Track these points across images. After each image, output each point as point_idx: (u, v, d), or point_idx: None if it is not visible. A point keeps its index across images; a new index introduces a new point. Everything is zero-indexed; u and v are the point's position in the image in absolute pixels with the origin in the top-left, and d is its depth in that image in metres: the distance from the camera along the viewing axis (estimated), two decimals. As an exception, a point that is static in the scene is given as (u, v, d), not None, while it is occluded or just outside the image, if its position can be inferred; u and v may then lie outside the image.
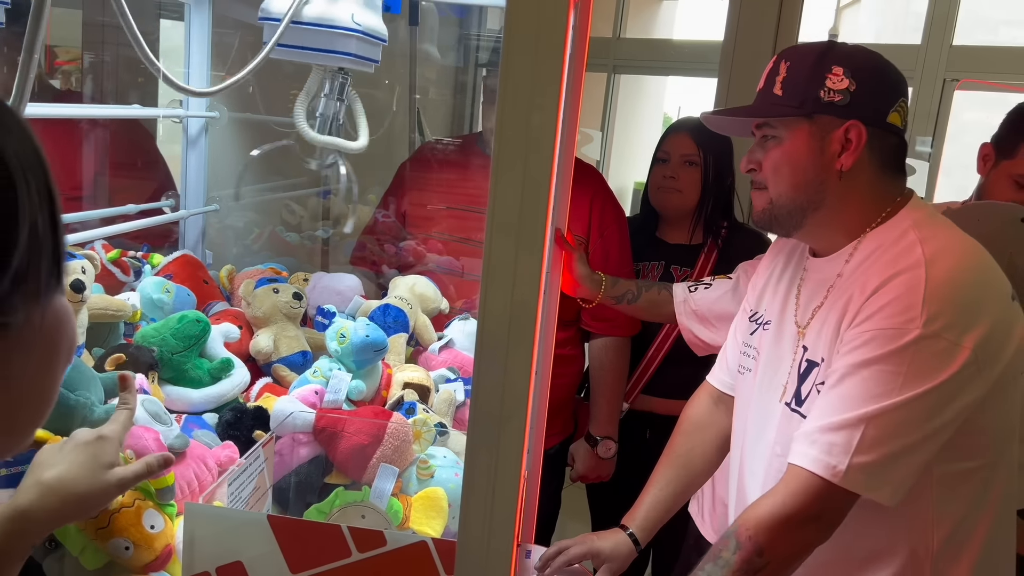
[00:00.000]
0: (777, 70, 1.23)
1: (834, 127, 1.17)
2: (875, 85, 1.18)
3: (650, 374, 2.07)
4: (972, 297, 1.10)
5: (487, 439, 0.89)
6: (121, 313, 1.32)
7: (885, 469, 1.09)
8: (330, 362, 1.41)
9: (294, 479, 1.25)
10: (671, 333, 2.03)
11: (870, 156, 1.19)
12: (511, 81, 0.83)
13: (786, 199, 1.23)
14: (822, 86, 1.17)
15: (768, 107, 1.23)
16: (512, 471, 0.91)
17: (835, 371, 1.13)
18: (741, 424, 1.40)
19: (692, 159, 2.01)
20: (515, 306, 0.88)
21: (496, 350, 0.88)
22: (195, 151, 1.80)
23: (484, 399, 0.88)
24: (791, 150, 1.21)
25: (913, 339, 1.07)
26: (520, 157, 0.86)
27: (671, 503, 1.52)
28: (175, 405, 1.28)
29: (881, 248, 1.18)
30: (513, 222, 0.86)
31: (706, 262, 2.04)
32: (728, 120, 1.37)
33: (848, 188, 1.20)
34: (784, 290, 1.35)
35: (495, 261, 0.87)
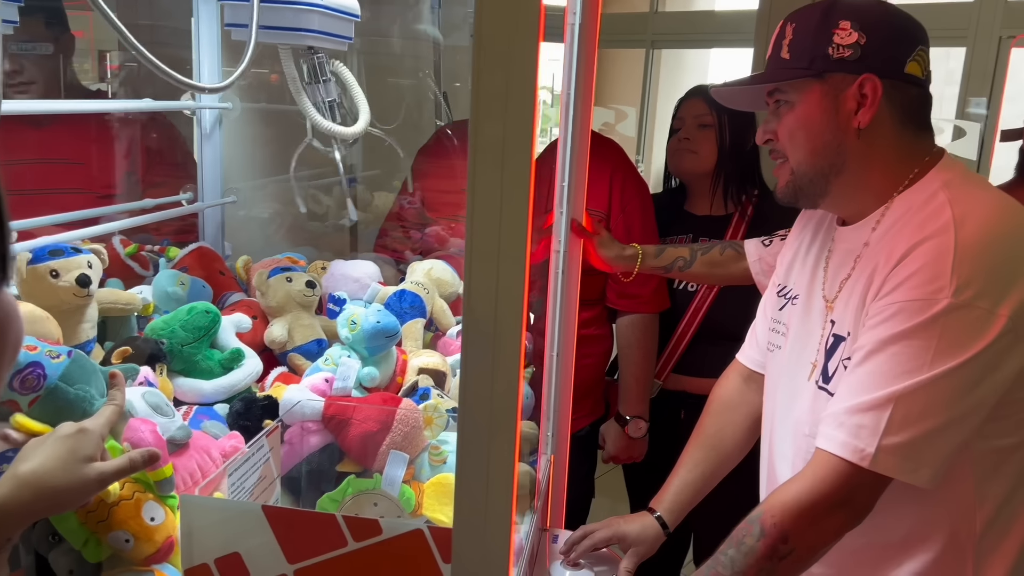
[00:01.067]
0: (784, 34, 1.17)
1: (847, 84, 1.11)
2: (887, 34, 1.11)
3: (680, 352, 2.01)
4: (1007, 259, 1.03)
5: (480, 422, 0.86)
6: (130, 307, 1.32)
7: (918, 450, 1.02)
8: (341, 349, 1.39)
9: (305, 468, 1.24)
10: (700, 308, 1.97)
11: (890, 111, 1.12)
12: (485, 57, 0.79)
13: (806, 166, 1.17)
14: (830, 43, 1.11)
15: (777, 72, 1.17)
16: (506, 455, 0.88)
17: (861, 347, 1.07)
18: (771, 403, 1.34)
19: (705, 121, 1.96)
20: (501, 293, 0.84)
21: (484, 337, 0.85)
22: (210, 143, 1.80)
23: (474, 386, 0.86)
24: (804, 113, 1.15)
25: (942, 309, 1.00)
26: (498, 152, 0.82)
27: (700, 485, 1.48)
28: (187, 397, 1.28)
29: (909, 212, 1.11)
30: (494, 217, 0.82)
31: (735, 232, 1.98)
32: (742, 94, 1.31)
33: (869, 147, 1.13)
34: (812, 262, 1.29)
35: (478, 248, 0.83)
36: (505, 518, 0.86)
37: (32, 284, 1.17)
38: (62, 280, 1.18)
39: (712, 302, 1.98)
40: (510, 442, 0.86)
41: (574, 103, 1.55)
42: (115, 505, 0.94)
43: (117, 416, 0.88)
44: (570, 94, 1.55)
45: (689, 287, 2.01)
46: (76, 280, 1.18)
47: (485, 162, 0.80)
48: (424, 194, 2.11)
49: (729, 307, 1.96)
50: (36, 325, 1.09)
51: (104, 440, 0.86)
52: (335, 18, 1.54)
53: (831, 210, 1.26)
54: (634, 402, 2.02)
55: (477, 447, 0.86)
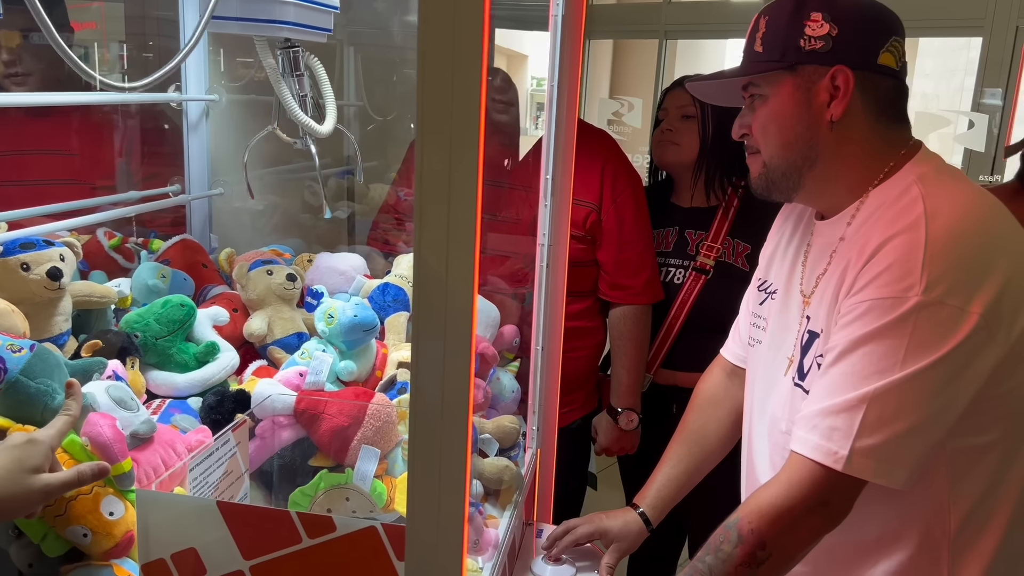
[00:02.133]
0: (757, 27, 1.15)
1: (819, 76, 1.09)
2: (859, 25, 1.08)
3: (668, 346, 1.99)
4: (978, 255, 1.00)
5: (431, 415, 0.85)
6: (106, 299, 1.32)
7: (893, 452, 1.00)
8: (318, 343, 1.38)
9: (277, 462, 1.24)
10: (687, 301, 1.95)
11: (863, 102, 1.09)
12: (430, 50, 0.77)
13: (779, 159, 1.15)
14: (801, 35, 1.09)
15: (750, 65, 1.16)
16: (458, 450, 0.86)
17: (833, 347, 1.05)
18: (750, 399, 1.33)
19: (687, 112, 1.95)
20: (450, 280, 0.82)
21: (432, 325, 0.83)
22: (196, 135, 1.79)
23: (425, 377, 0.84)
24: (776, 106, 1.13)
25: (912, 307, 0.98)
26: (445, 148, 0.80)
27: (684, 481, 1.46)
28: (160, 390, 1.28)
29: (883, 206, 1.08)
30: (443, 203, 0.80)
31: (721, 224, 1.96)
32: (719, 89, 1.29)
33: (843, 139, 1.11)
34: (791, 257, 1.27)
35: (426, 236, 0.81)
36: (458, 514, 0.84)
37: (2, 276, 1.16)
38: (32, 273, 1.18)
39: (699, 293, 1.96)
40: (462, 436, 0.85)
41: (557, 94, 1.53)
42: (73, 500, 0.94)
43: (70, 427, 0.88)
44: (554, 85, 1.53)
45: (676, 279, 1.99)
46: (47, 273, 1.18)
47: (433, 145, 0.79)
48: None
49: (717, 298, 1.94)
50: (2, 319, 1.09)
51: (54, 451, 0.85)
52: (312, 10, 1.52)
53: (806, 203, 1.24)
54: (625, 394, 2.00)
55: (428, 440, 0.84)
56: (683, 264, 2.00)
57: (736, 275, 1.93)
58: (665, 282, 2.00)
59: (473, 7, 0.74)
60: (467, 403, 0.84)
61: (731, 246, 1.95)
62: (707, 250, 1.96)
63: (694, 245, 1.99)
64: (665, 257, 2.02)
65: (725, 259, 1.95)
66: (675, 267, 2.01)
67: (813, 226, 1.23)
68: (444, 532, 0.85)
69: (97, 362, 1.13)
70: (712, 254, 1.95)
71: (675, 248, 2.01)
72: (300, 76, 1.57)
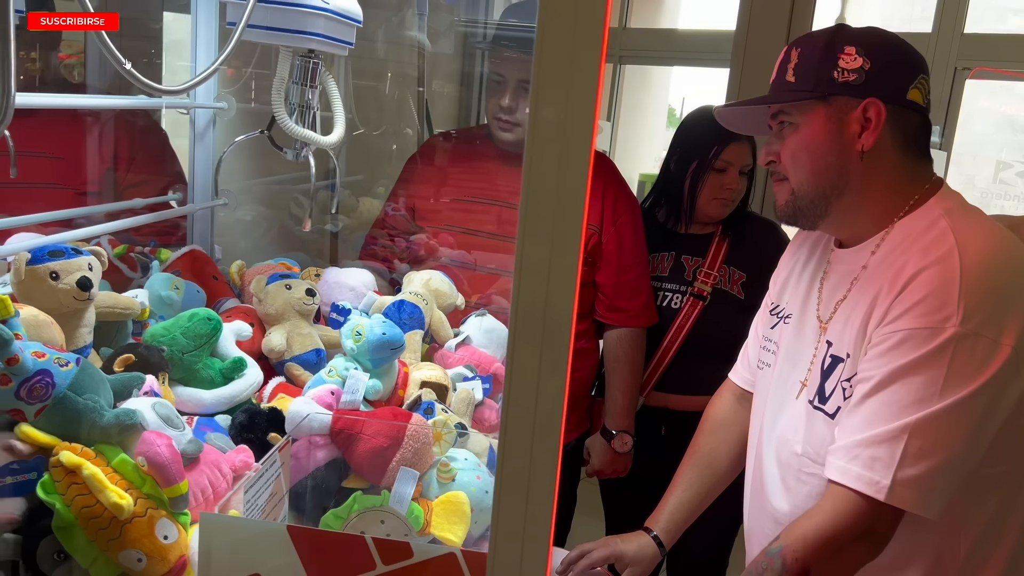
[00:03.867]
0: (789, 58, 1.19)
1: (851, 107, 1.12)
2: (891, 61, 1.13)
3: (663, 369, 2.02)
4: (1009, 287, 1.05)
5: (520, 446, 0.84)
6: (129, 311, 1.27)
7: (932, 482, 1.03)
8: (345, 361, 1.36)
9: (311, 483, 1.21)
10: (684, 326, 1.98)
11: (892, 135, 1.13)
12: (545, 68, 0.78)
13: (808, 187, 1.18)
14: (835, 66, 1.13)
15: (782, 94, 1.19)
16: (548, 478, 0.86)
17: (869, 377, 1.08)
18: (758, 420, 1.35)
19: (747, 170, 1.97)
20: (549, 306, 0.83)
21: (530, 352, 0.83)
22: (202, 144, 1.75)
23: (517, 404, 0.84)
24: (808, 135, 1.16)
25: (950, 337, 1.01)
26: (555, 153, 0.81)
27: (696, 504, 1.48)
28: (186, 407, 1.24)
29: (910, 238, 1.12)
30: (546, 224, 0.80)
31: (718, 251, 1.99)
32: (742, 117, 1.32)
33: (871, 170, 1.15)
34: (807, 283, 1.30)
35: (527, 262, 0.81)
36: (543, 543, 0.84)
37: (31, 286, 1.11)
38: (62, 282, 1.13)
39: (696, 319, 1.99)
40: (552, 463, 0.85)
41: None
42: (128, 523, 0.90)
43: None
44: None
45: (673, 303, 2.01)
46: (77, 283, 1.13)
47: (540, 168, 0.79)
48: (413, 202, 2.08)
49: (713, 324, 1.98)
50: (41, 330, 1.04)
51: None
52: (339, 23, 1.51)
53: (829, 231, 1.27)
54: (620, 416, 2.01)
55: (518, 469, 0.84)
56: (679, 289, 2.02)
57: (731, 303, 1.97)
58: (661, 306, 2.03)
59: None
60: (559, 426, 0.84)
61: (727, 274, 1.99)
62: (704, 276, 1.99)
63: (691, 271, 2.02)
64: (660, 281, 2.04)
65: (721, 286, 1.99)
66: (671, 292, 2.03)
67: (831, 253, 1.27)
68: (529, 561, 0.84)
69: (135, 377, 1.08)
70: (710, 281, 1.99)
71: (671, 273, 2.04)
72: (315, 88, 1.56)
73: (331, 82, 1.63)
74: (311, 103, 1.58)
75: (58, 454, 0.90)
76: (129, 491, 0.92)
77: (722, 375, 1.58)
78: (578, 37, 0.77)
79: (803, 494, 1.20)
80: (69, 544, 0.90)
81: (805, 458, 1.20)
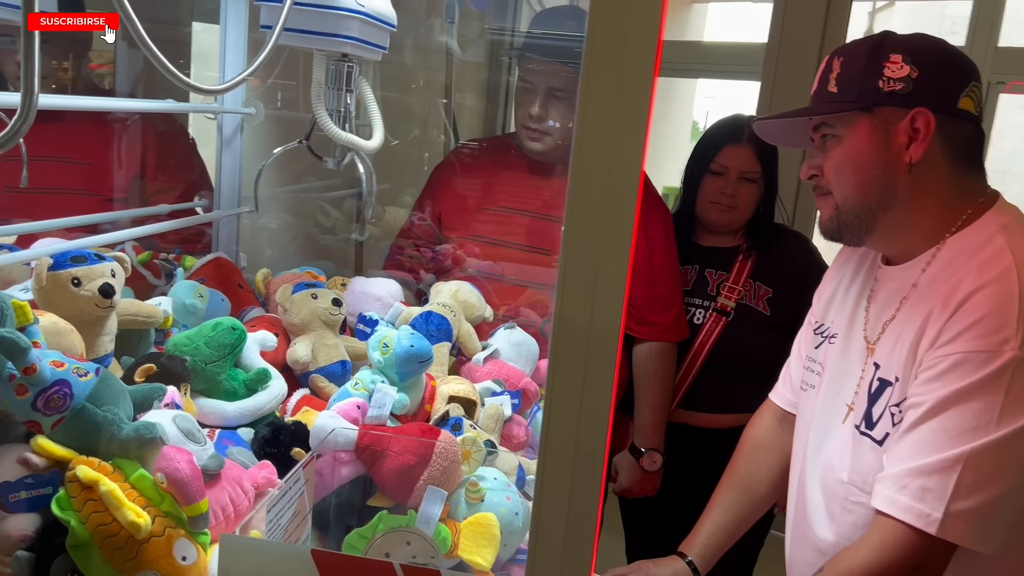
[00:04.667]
0: (831, 68, 1.14)
1: (898, 118, 1.07)
2: (940, 68, 1.07)
3: (687, 385, 1.95)
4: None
5: (561, 471, 0.79)
6: (152, 319, 1.24)
7: (989, 515, 0.97)
8: (372, 373, 1.31)
9: (334, 501, 1.16)
10: (707, 341, 1.92)
11: (942, 146, 1.08)
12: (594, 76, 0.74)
13: (853, 201, 1.13)
14: (880, 76, 1.07)
15: (824, 105, 1.13)
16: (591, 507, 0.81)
17: (921, 402, 1.02)
18: (801, 445, 1.29)
19: (751, 175, 1.89)
20: (594, 324, 0.78)
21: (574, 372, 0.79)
22: (230, 150, 1.72)
23: (558, 427, 0.79)
24: (853, 147, 1.11)
25: (1008, 361, 0.95)
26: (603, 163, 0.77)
27: (733, 529, 1.42)
28: (208, 419, 1.20)
29: (965, 255, 1.06)
30: (594, 234, 0.76)
31: (743, 266, 1.92)
32: (781, 130, 1.27)
33: (921, 183, 1.09)
34: (853, 301, 1.24)
35: (571, 273, 0.77)
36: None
37: (52, 292, 1.08)
38: (84, 289, 1.09)
39: (719, 335, 1.93)
40: (595, 487, 0.80)
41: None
42: (145, 543, 0.86)
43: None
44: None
45: (696, 318, 1.95)
46: (99, 290, 1.10)
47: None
48: (440, 211, 2.05)
49: (736, 341, 1.91)
50: (60, 338, 1.00)
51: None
52: (374, 26, 1.48)
53: (876, 248, 1.22)
54: (650, 433, 1.96)
55: (558, 491, 0.79)
56: (703, 304, 1.96)
57: (756, 318, 1.90)
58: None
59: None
60: (603, 450, 0.79)
61: (752, 288, 1.93)
62: (728, 291, 1.93)
63: (714, 285, 1.95)
64: (685, 296, 1.99)
65: (746, 301, 1.92)
66: (695, 307, 1.97)
67: (878, 270, 1.21)
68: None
69: (156, 388, 1.05)
70: (734, 296, 1.92)
71: (694, 287, 1.98)
72: (351, 92, 1.52)
73: (366, 87, 1.60)
74: (349, 108, 1.55)
75: (74, 468, 0.86)
76: (147, 509, 0.88)
77: (745, 392, 1.53)
78: (630, 49, 0.73)
79: (849, 524, 1.14)
80: (84, 564, 0.86)
81: (851, 486, 1.14)
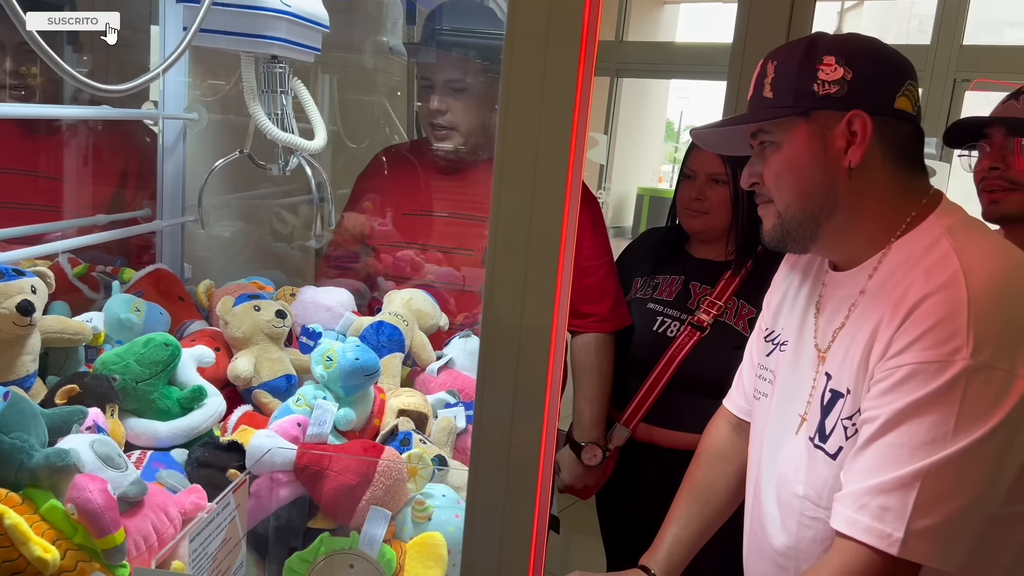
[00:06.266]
0: (765, 72, 1.10)
1: (835, 121, 1.04)
2: (873, 69, 1.04)
3: (652, 400, 1.90)
4: (1022, 314, 0.95)
5: (495, 477, 0.75)
6: (79, 336, 1.18)
7: (950, 532, 0.93)
8: (315, 388, 1.26)
9: (273, 523, 1.11)
10: (677, 356, 1.86)
11: (881, 148, 1.05)
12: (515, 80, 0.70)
13: (794, 209, 1.09)
14: (815, 79, 1.04)
15: (760, 111, 1.10)
16: (525, 516, 0.78)
17: (876, 416, 0.98)
18: (756, 456, 1.26)
19: (719, 177, 1.83)
20: (524, 324, 0.74)
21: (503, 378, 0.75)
22: (172, 157, 1.66)
23: (489, 432, 0.75)
24: (791, 154, 1.07)
25: (960, 371, 0.92)
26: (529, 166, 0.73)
27: (695, 541, 1.38)
28: (140, 440, 1.14)
29: (910, 260, 1.03)
30: (522, 240, 0.72)
31: (729, 282, 1.86)
32: (723, 138, 1.23)
33: (862, 187, 1.06)
34: (802, 308, 1.21)
35: (500, 272, 0.73)
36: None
37: (-35, 311, 1.02)
38: (1, 307, 1.03)
39: (690, 350, 1.87)
40: (530, 494, 0.76)
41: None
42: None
43: None
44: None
45: (670, 331, 1.89)
46: (17, 307, 1.04)
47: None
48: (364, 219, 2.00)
49: (707, 358, 1.84)
50: (-33, 360, 0.94)
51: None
52: (303, 27, 1.44)
53: (822, 254, 1.19)
54: (589, 427, 1.90)
55: (491, 503, 0.75)
56: (680, 317, 1.89)
57: (734, 338, 1.81)
58: (657, 332, 1.91)
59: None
60: (537, 464, 0.75)
61: (735, 307, 1.85)
62: (708, 306, 1.86)
63: (696, 299, 1.89)
64: (664, 307, 1.92)
65: (726, 319, 1.85)
66: (671, 319, 1.90)
67: (825, 275, 1.18)
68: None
69: (76, 411, 0.99)
70: (713, 311, 1.86)
71: (676, 299, 1.90)
72: (284, 94, 1.48)
73: (301, 88, 1.56)
74: (286, 109, 1.50)
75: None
76: (58, 542, 0.82)
77: (711, 413, 1.48)
78: (552, 39, 0.69)
79: (807, 539, 1.11)
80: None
81: (807, 501, 1.11)
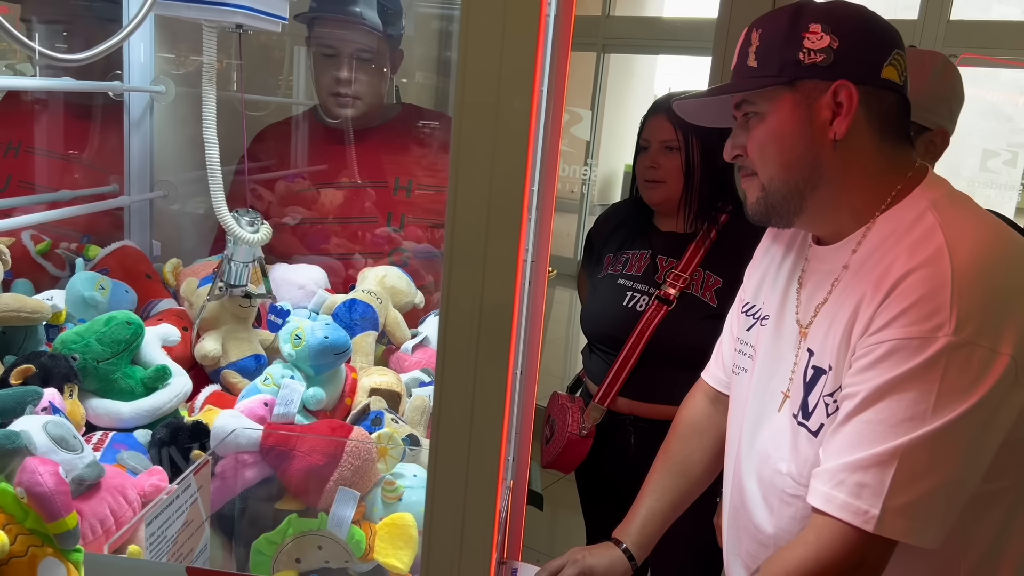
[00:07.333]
0: (749, 41, 1.07)
1: (820, 91, 1.01)
2: (861, 37, 1.01)
3: (626, 374, 1.88)
4: (1004, 289, 0.94)
5: (453, 456, 0.73)
6: (37, 315, 1.14)
7: (927, 509, 0.92)
8: (283, 368, 1.24)
9: (239, 505, 1.09)
10: (645, 332, 1.84)
11: (867, 119, 1.02)
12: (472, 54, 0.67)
13: (779, 181, 1.07)
14: (800, 48, 1.01)
15: (744, 81, 1.07)
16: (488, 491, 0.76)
17: (855, 393, 0.97)
18: (736, 432, 1.24)
19: (671, 144, 1.81)
20: (485, 306, 0.72)
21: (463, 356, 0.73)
22: (139, 131, 1.62)
23: (449, 412, 0.73)
24: (775, 124, 1.04)
25: (942, 348, 0.90)
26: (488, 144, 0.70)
27: (668, 514, 1.37)
28: (102, 421, 1.12)
29: (895, 235, 1.01)
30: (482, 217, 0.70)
31: (694, 254, 1.85)
32: (707, 107, 1.20)
33: (847, 159, 1.03)
34: (784, 282, 1.19)
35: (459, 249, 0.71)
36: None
37: (-86, 289, 0.99)
38: (-48, 285, 1.00)
39: (659, 324, 1.86)
40: (491, 484, 0.74)
41: (545, 106, 1.43)
42: (4, 564, 0.78)
43: None
44: (543, 91, 1.43)
45: (639, 306, 1.88)
46: (-30, 285, 1.01)
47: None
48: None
49: (677, 331, 1.83)
50: (-86, 340, 0.91)
51: None
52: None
53: (806, 228, 1.16)
54: None
55: (452, 489, 0.73)
56: (648, 291, 1.88)
57: (701, 309, 1.82)
58: (627, 307, 1.89)
59: None
60: (499, 439, 0.73)
61: (701, 277, 1.85)
62: (674, 279, 1.85)
63: (663, 272, 1.88)
64: (632, 281, 1.90)
65: (692, 291, 1.84)
66: (640, 293, 1.88)
67: (808, 250, 1.16)
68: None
69: (31, 391, 0.96)
70: (679, 283, 1.85)
71: (644, 273, 1.90)
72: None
73: None
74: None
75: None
76: (8, 527, 0.80)
77: (687, 385, 1.47)
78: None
79: (788, 516, 1.10)
80: (-64, 590, 0.78)
81: (788, 478, 1.09)
